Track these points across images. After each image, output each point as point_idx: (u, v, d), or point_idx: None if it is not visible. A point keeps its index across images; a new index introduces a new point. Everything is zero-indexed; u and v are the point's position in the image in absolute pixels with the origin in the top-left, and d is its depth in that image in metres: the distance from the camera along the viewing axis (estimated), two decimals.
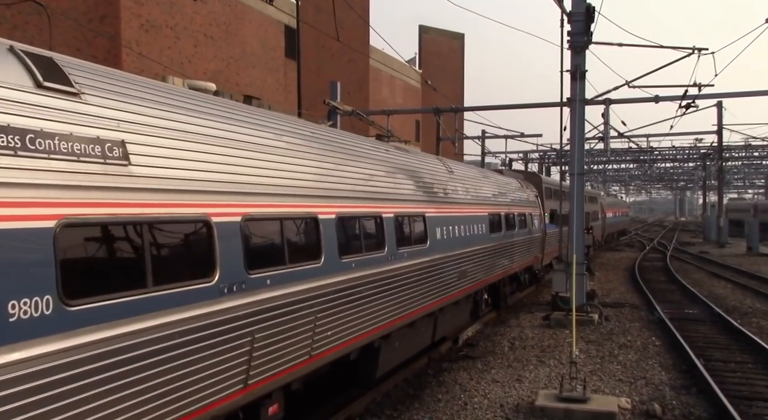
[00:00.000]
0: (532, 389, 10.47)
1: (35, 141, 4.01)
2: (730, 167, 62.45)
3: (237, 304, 5.61)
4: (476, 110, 30.56)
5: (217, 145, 5.75)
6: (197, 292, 5.17)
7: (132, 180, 4.67)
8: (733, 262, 32.71)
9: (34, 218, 3.89)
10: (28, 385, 3.75)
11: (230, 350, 5.54)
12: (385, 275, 8.77)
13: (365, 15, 34.30)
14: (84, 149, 4.36)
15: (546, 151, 50.25)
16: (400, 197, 9.78)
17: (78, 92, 4.55)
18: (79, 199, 4.21)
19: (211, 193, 5.45)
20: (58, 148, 4.15)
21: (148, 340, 4.64)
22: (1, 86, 4.01)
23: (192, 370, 5.09)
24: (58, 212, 4.04)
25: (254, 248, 5.98)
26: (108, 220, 4.44)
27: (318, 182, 7.29)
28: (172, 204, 4.99)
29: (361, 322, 8.08)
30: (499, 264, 16.07)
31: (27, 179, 3.89)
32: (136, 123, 4.92)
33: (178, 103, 5.61)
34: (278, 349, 6.31)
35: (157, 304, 4.74)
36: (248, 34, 26.45)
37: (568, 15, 15.94)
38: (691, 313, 18.07)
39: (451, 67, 55.99)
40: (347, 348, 7.87)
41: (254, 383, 5.98)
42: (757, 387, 10.91)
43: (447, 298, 11.95)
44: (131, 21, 20.04)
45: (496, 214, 15.78)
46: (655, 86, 21.63)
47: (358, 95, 36.18)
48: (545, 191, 24.67)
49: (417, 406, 9.80)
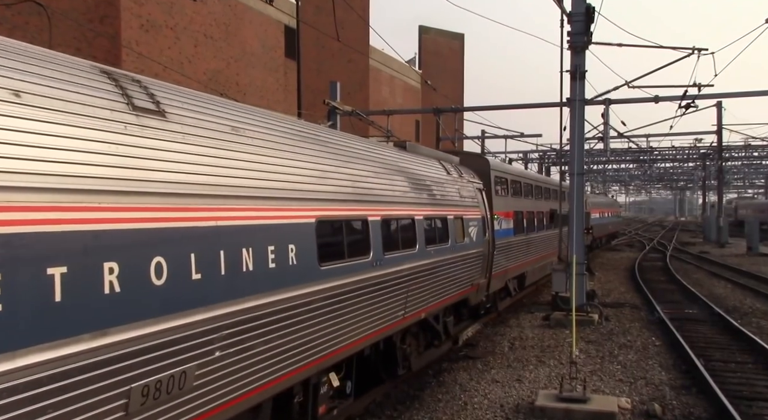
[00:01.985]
0: (532, 389, 10.47)
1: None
2: (730, 167, 62.47)
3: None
4: (476, 110, 30.58)
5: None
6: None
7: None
8: (733, 262, 32.70)
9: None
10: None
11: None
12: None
13: (365, 15, 34.30)
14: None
15: (546, 151, 50.28)
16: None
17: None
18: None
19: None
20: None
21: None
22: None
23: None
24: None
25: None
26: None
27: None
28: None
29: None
30: (377, 315, 8.73)
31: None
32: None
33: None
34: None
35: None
36: (248, 34, 26.45)
37: (568, 15, 15.95)
38: (691, 313, 18.06)
39: (451, 67, 55.98)
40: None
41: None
42: (757, 387, 10.91)
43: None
44: (131, 21, 20.05)
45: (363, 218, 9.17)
46: (655, 86, 21.65)
47: (358, 95, 36.19)
48: (497, 182, 16.68)
49: (417, 406, 9.80)
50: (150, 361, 4.42)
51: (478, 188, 14.37)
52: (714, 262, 33.54)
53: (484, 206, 14.40)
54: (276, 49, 28.57)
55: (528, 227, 19.76)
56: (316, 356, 6.87)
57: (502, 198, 17.09)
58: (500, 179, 17.14)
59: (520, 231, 18.64)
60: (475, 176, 14.83)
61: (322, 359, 7.04)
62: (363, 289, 7.98)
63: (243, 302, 5.46)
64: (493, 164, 17.07)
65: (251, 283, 5.60)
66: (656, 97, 22.09)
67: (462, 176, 13.68)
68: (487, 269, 14.68)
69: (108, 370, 4.09)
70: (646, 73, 20.26)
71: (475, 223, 13.43)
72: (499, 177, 17.09)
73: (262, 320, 5.76)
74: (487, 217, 14.44)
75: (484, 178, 15.46)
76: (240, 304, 5.42)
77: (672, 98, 22.14)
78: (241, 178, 5.69)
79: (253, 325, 5.64)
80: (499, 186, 17.03)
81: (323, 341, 6.98)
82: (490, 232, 14.75)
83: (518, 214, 18.48)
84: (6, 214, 3.56)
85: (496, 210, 15.76)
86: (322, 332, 6.95)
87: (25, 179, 3.72)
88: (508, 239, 16.94)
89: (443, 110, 28.28)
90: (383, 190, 9.12)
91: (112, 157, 4.36)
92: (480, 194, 14.37)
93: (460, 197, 12.80)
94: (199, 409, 5.06)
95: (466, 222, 12.78)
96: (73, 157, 4.06)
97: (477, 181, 14.65)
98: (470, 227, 13.01)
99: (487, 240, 14.41)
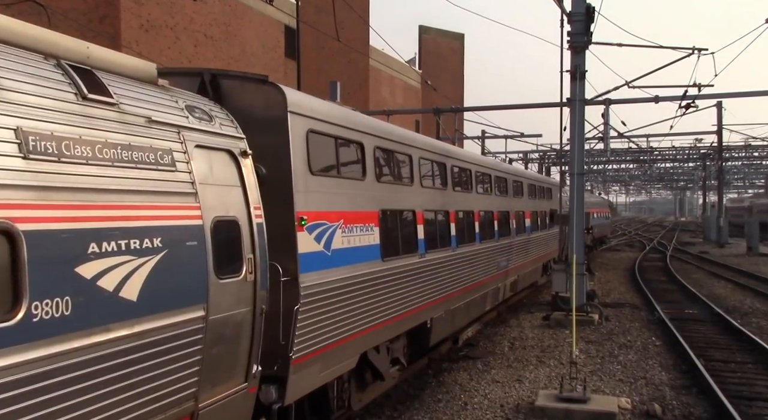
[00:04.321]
0: (533, 389, 10.47)
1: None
2: (730, 167, 62.44)
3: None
4: (476, 110, 30.61)
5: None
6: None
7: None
8: (733, 262, 32.70)
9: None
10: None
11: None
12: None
13: (365, 15, 34.29)
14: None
15: (546, 151, 50.28)
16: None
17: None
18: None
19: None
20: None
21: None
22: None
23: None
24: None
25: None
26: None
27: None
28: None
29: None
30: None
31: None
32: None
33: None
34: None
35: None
36: (248, 34, 26.45)
37: (568, 15, 15.94)
38: (691, 313, 18.06)
39: (451, 67, 55.97)
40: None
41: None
42: (757, 387, 10.92)
43: None
44: (131, 21, 20.05)
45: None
46: (655, 86, 21.72)
47: (358, 95, 36.18)
48: (317, 144, 7.49)
49: (417, 406, 9.81)
50: None
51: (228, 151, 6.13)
52: (714, 262, 33.54)
53: (245, 199, 6.17)
54: (276, 49, 28.57)
55: (431, 240, 10.90)
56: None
57: (336, 183, 7.90)
58: (328, 138, 7.78)
59: (410, 250, 9.98)
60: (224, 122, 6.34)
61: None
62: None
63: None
64: (300, 101, 7.22)
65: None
66: (656, 97, 22.12)
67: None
68: (248, 356, 6.20)
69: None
70: (646, 73, 20.29)
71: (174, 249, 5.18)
72: (325, 133, 7.66)
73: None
74: (253, 225, 6.18)
75: (264, 129, 6.81)
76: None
77: (672, 98, 22.18)
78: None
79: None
80: (326, 153, 7.81)
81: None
82: (258, 261, 6.21)
83: (397, 217, 9.63)
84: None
85: (313, 208, 7.19)
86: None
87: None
88: (355, 272, 8.02)
89: (443, 110, 28.30)
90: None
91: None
92: (233, 168, 6.17)
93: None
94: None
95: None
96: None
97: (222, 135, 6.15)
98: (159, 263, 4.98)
99: (251, 281, 6.11)
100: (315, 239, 7.18)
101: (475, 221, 13.62)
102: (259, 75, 7.05)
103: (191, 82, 6.87)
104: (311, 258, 7.04)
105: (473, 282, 13.37)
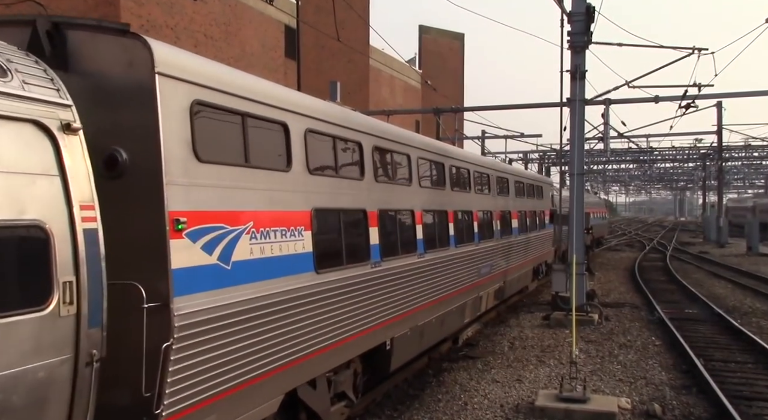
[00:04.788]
0: (532, 389, 10.47)
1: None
2: (730, 167, 62.49)
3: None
4: (476, 110, 30.59)
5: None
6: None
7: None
8: (733, 262, 32.70)
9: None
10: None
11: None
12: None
13: (365, 15, 34.28)
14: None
15: (546, 151, 50.29)
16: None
17: None
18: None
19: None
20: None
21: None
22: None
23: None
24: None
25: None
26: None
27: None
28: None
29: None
30: None
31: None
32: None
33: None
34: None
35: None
36: (248, 34, 26.45)
37: (568, 15, 15.94)
38: (691, 312, 18.06)
39: (451, 67, 55.97)
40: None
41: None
42: (757, 387, 10.91)
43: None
44: (131, 21, 20.03)
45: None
46: (655, 86, 21.69)
47: (358, 95, 36.17)
48: (208, 117, 5.66)
49: (417, 406, 9.80)
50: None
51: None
52: (714, 262, 33.54)
53: (65, 194, 4.34)
54: (276, 49, 28.57)
55: (388, 245, 9.17)
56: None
57: (243, 174, 5.99)
58: (229, 114, 5.88)
59: (359, 258, 8.28)
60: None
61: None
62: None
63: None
64: (176, 60, 5.31)
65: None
66: (656, 97, 22.11)
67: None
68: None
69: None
70: (647, 73, 20.27)
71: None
72: (222, 106, 5.77)
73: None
74: (77, 232, 4.37)
75: (124, 99, 5.07)
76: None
77: (672, 98, 22.16)
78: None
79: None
80: (225, 134, 5.95)
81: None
82: (85, 284, 4.43)
83: (338, 217, 7.82)
84: None
85: (200, 206, 5.40)
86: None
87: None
88: (272, 289, 6.26)
89: (443, 110, 28.30)
90: None
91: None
92: (46, 149, 4.30)
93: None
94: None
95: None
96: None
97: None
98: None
99: (70, 315, 4.28)
100: (203, 249, 5.33)
101: (449, 222, 11.75)
102: (119, 23, 5.16)
103: (22, 35, 5.02)
104: (195, 274, 5.20)
105: (447, 292, 11.53)
